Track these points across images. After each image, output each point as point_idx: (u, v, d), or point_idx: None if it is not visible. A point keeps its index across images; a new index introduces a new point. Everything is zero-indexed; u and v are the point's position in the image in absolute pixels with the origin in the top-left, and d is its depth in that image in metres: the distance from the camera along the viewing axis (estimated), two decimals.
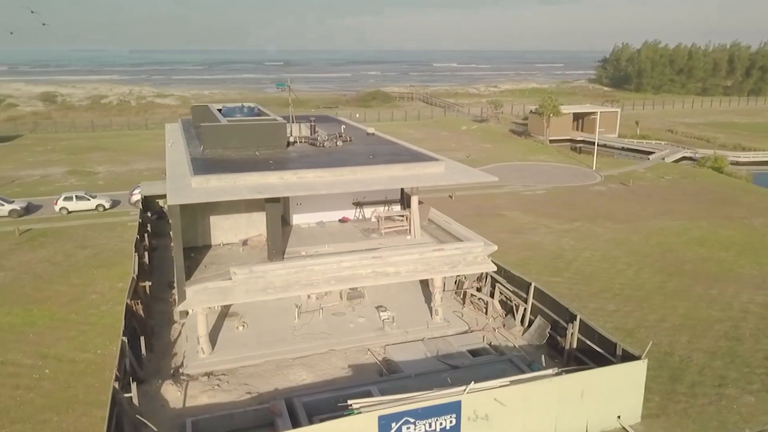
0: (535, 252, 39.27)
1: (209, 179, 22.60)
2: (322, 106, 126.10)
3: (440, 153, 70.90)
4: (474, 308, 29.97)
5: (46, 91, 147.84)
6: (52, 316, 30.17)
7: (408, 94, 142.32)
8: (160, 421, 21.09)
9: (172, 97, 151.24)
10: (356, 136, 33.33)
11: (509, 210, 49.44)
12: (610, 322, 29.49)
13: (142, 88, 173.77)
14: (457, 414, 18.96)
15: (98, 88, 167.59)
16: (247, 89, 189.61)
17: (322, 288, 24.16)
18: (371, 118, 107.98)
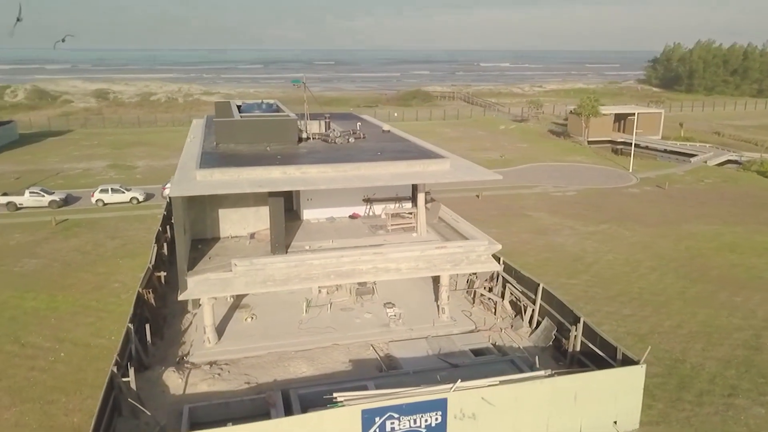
0: (556, 253, 38.61)
1: (213, 173, 23.13)
2: (362, 105, 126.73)
3: (474, 152, 70.86)
4: (484, 308, 29.70)
5: (99, 89, 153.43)
6: (74, 302, 31.38)
7: (449, 94, 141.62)
8: (159, 406, 21.71)
9: (218, 94, 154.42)
10: (373, 133, 33.47)
11: (535, 211, 48.70)
12: (623, 326, 28.80)
13: (190, 86, 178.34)
14: (443, 411, 18.89)
15: (149, 85, 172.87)
16: (291, 88, 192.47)
17: (322, 282, 24.41)
18: (409, 117, 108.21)
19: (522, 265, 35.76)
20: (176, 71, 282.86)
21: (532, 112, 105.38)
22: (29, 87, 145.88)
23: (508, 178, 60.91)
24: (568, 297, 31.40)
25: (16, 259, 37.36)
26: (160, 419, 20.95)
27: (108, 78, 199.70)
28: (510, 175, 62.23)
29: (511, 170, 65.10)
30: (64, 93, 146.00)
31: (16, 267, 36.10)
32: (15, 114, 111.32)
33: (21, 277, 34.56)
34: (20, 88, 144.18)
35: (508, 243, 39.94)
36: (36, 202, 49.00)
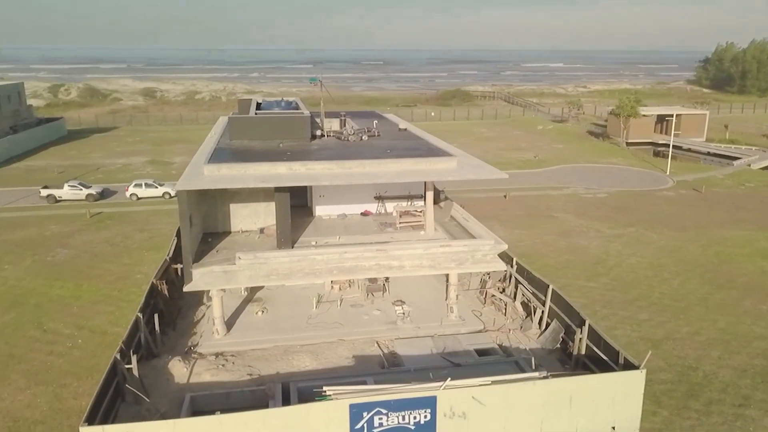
0: (578, 256, 37.91)
1: (220, 167, 23.64)
2: (401, 105, 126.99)
3: (507, 152, 70.19)
4: (495, 308, 29.43)
5: (147, 87, 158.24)
6: (97, 291, 32.54)
7: (490, 93, 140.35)
8: (163, 394, 22.32)
9: (260, 93, 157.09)
10: (389, 131, 33.54)
11: (562, 212, 47.88)
12: (638, 331, 28.11)
13: (235, 84, 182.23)
14: (433, 409, 18.83)
15: (195, 84, 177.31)
16: (335, 87, 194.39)
17: (325, 277, 24.65)
18: (447, 117, 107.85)
19: (541, 267, 35.43)
20: (224, 71, 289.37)
21: (572, 112, 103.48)
22: (82, 85, 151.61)
23: (539, 178, 60.12)
24: (584, 300, 30.95)
25: (49, 249, 38.95)
26: (162, 406, 21.57)
27: (157, 77, 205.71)
28: (541, 176, 61.40)
29: (543, 171, 64.18)
30: (114, 91, 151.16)
31: (48, 256, 37.65)
32: (67, 111, 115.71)
33: (52, 266, 36.02)
34: (73, 86, 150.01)
35: (529, 244, 39.56)
36: (74, 195, 50.93)
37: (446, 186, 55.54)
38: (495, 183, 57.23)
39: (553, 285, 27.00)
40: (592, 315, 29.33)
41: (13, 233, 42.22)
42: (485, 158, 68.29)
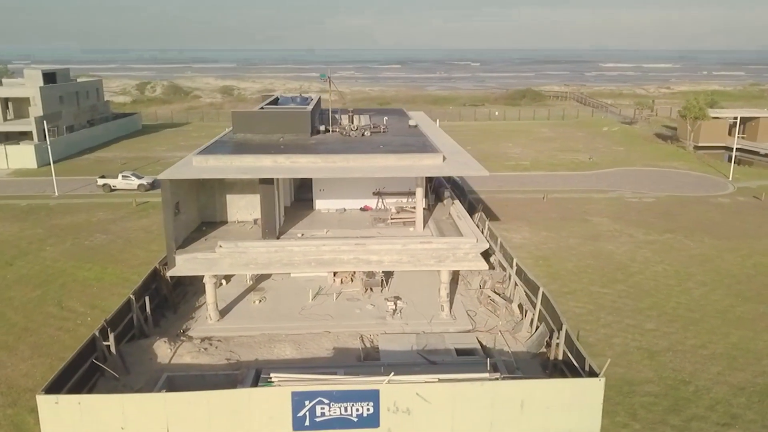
0: (600, 261, 36.40)
1: (208, 159, 24.62)
2: (467, 104, 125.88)
3: (561, 153, 68.36)
4: (492, 309, 28.87)
5: (226, 85, 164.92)
6: (119, 274, 34.55)
7: (563, 94, 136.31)
8: (143, 372, 23.50)
9: (333, 92, 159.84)
10: (400, 128, 33.62)
11: (598, 216, 46.03)
12: (637, 341, 26.77)
13: (311, 83, 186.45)
14: (376, 403, 18.84)
15: (273, 83, 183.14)
16: (411, 86, 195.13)
17: (302, 269, 25.07)
18: (511, 116, 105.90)
19: (556, 271, 34.47)
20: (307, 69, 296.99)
21: (641, 114, 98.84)
22: (166, 83, 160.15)
23: (586, 181, 58.08)
24: (591, 306, 29.90)
25: (90, 234, 41.68)
26: (138, 383, 22.77)
27: (239, 76, 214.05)
28: (590, 179, 59.23)
29: (594, 173, 61.85)
30: (196, 89, 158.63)
31: (86, 241, 40.31)
32: (150, 107, 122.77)
33: (87, 250, 38.56)
34: (159, 84, 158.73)
35: (552, 247, 38.43)
36: (127, 184, 54.12)
37: (484, 185, 54.92)
38: (538, 184, 55.91)
39: (543, 288, 26.18)
40: (594, 322, 28.33)
41: (63, 218, 45.47)
42: (537, 159, 67.26)
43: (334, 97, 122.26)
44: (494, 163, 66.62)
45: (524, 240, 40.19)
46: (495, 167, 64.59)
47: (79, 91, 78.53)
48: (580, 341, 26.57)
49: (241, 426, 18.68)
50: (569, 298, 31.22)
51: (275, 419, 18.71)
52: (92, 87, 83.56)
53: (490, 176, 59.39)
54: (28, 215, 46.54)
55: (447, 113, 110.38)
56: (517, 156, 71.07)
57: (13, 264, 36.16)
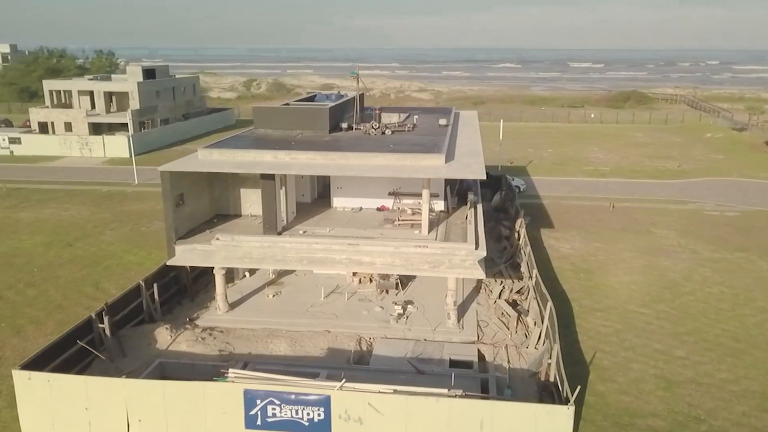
0: (648, 277, 33.34)
1: (212, 153, 25.06)
2: (566, 105, 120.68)
3: (652, 160, 64.32)
4: (504, 321, 27.29)
5: (327, 83, 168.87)
6: (161, 260, 36.00)
7: (672, 96, 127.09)
8: (140, 355, 24.38)
9: (429, 92, 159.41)
10: (429, 127, 32.64)
11: (665, 228, 42.25)
12: (659, 368, 24.16)
13: (411, 83, 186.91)
14: (327, 409, 18.30)
15: (375, 81, 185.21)
16: (515, 86, 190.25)
17: (295, 266, 24.82)
18: (609, 119, 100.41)
19: (594, 285, 32.16)
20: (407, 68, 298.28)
21: (758, 120, 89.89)
22: (271, 81, 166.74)
23: (667, 190, 53.74)
24: (619, 326, 27.62)
25: (150, 221, 43.99)
26: (131, 367, 23.62)
27: (344, 74, 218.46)
28: (672, 188, 54.66)
29: (679, 182, 56.99)
30: (298, 87, 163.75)
31: (143, 227, 42.60)
32: (252, 103, 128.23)
33: (140, 236, 40.73)
34: (264, 81, 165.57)
35: (601, 259, 35.88)
36: None
37: (552, 190, 52.15)
38: (612, 191, 52.51)
39: (551, 302, 24.37)
40: (616, 343, 26.04)
41: (132, 205, 48.40)
42: (620, 165, 63.26)
43: (430, 96, 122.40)
44: (571, 168, 63.31)
45: (572, 250, 37.69)
46: (571, 172, 61.37)
47: (176, 86, 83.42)
48: (592, 364, 24.60)
49: (195, 419, 18.81)
50: (598, 315, 28.82)
51: (228, 415, 18.67)
52: (189, 83, 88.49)
53: (561, 181, 57.02)
54: (104, 200, 49.99)
55: (539, 114, 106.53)
56: (598, 161, 67.03)
57: (73, 245, 38.90)
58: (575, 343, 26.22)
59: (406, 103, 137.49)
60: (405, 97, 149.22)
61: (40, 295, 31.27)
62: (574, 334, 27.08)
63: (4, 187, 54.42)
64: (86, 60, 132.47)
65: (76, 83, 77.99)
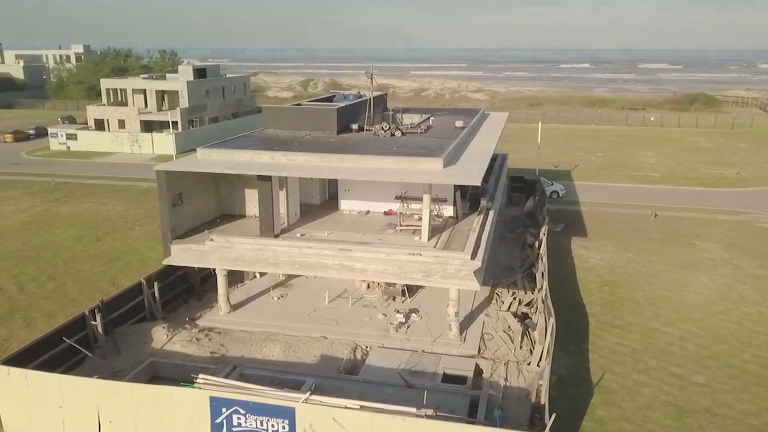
0: (680, 293, 31.03)
1: (211, 152, 24.82)
2: (626, 107, 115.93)
3: (709, 166, 61.12)
4: (510, 334, 25.87)
5: (383, 84, 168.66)
6: None
7: (743, 100, 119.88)
8: (134, 353, 24.42)
9: (486, 92, 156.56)
10: (445, 129, 31.53)
11: (710, 241, 39.40)
12: (672, 395, 22.24)
13: (469, 83, 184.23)
14: (291, 421, 17.60)
15: (432, 82, 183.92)
16: (570, 87, 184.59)
17: (287, 269, 24.21)
18: (671, 123, 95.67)
19: (617, 300, 30.35)
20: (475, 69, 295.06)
21: None
22: (327, 80, 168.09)
23: (721, 199, 50.41)
24: (637, 346, 25.86)
25: None
26: (123, 365, 23.67)
27: (403, 75, 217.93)
28: (725, 197, 51.18)
29: (734, 191, 53.31)
30: (354, 86, 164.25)
31: None
32: None
33: None
34: (321, 81, 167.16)
35: (632, 272, 33.84)
36: None
37: (593, 196, 49.74)
38: (659, 199, 49.79)
39: (554, 318, 22.87)
40: (630, 364, 24.26)
41: None
42: (672, 171, 59.96)
43: (486, 97, 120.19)
44: (619, 173, 60.40)
45: (601, 261, 35.61)
46: (618, 177, 58.56)
47: (226, 85, 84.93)
48: (598, 386, 22.97)
49: (163, 423, 18.50)
50: (616, 333, 26.93)
51: (195, 422, 18.28)
52: (239, 82, 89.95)
53: (605, 187, 54.35)
54: (141, 196, 51.16)
55: (595, 116, 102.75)
56: (650, 166, 63.65)
57: (101, 240, 39.86)
58: (584, 362, 24.54)
59: (461, 103, 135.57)
60: (460, 97, 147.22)
61: (58, 289, 32.02)
62: (586, 351, 25.38)
63: (53, 181, 56.66)
64: (151, 59, 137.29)
65: (131, 82, 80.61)
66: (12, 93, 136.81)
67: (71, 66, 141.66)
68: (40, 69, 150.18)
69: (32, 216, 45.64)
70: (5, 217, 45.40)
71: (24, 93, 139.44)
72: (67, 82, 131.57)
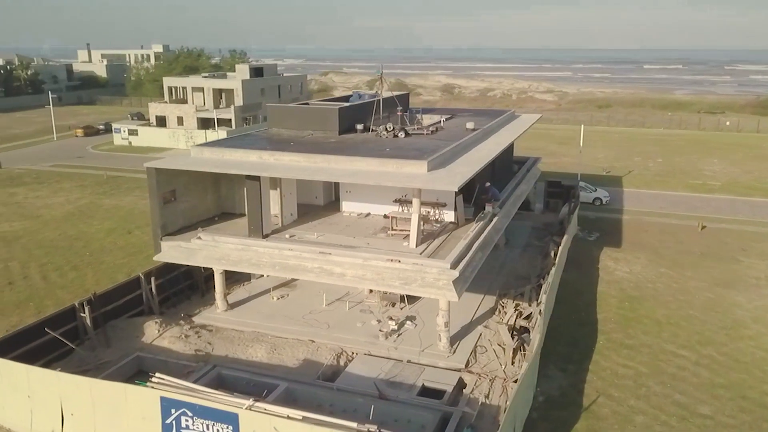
0: (708, 314, 28.50)
1: (203, 151, 24.81)
2: (702, 111, 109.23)
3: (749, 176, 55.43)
4: (503, 347, 24.51)
5: (449, 83, 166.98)
6: None
7: None
8: (124, 346, 24.81)
9: (555, 93, 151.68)
10: (456, 131, 30.35)
11: (757, 256, 36.12)
12: (669, 426, 20.37)
13: (540, 84, 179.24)
14: (235, 428, 17.17)
15: (502, 82, 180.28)
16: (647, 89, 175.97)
17: (268, 271, 23.80)
18: (748, 128, 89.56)
19: (636, 317, 28.68)
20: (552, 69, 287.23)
21: None
22: (394, 80, 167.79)
23: None
24: (644, 369, 24.23)
25: None
26: (111, 357, 24.08)
27: (474, 75, 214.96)
28: None
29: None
30: (420, 86, 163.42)
31: None
32: None
33: None
34: (387, 80, 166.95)
35: (660, 288, 31.75)
36: None
37: (641, 205, 46.86)
38: (713, 210, 46.56)
39: (540, 335, 21.42)
40: (630, 389, 22.57)
41: None
42: (736, 180, 56.45)
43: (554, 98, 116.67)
44: (675, 181, 56.78)
45: (628, 275, 33.32)
46: (672, 185, 55.08)
47: (282, 84, 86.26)
48: (588, 411, 21.39)
49: (119, 419, 18.55)
50: (624, 353, 24.99)
51: (147, 421, 18.23)
52: (296, 81, 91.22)
53: (657, 195, 51.14)
54: None
55: (665, 120, 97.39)
56: (711, 174, 59.43)
57: (131, 233, 41.08)
58: (580, 383, 22.85)
59: (526, 104, 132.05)
60: (527, 98, 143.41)
61: (78, 279, 33.15)
62: (584, 372, 23.65)
63: (105, 174, 59.18)
64: (222, 58, 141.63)
65: (190, 80, 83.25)
66: (94, 90, 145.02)
67: (148, 65, 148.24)
68: (122, 67, 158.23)
69: (77, 207, 47.73)
70: (53, 208, 47.71)
71: (105, 90, 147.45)
72: (144, 80, 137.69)
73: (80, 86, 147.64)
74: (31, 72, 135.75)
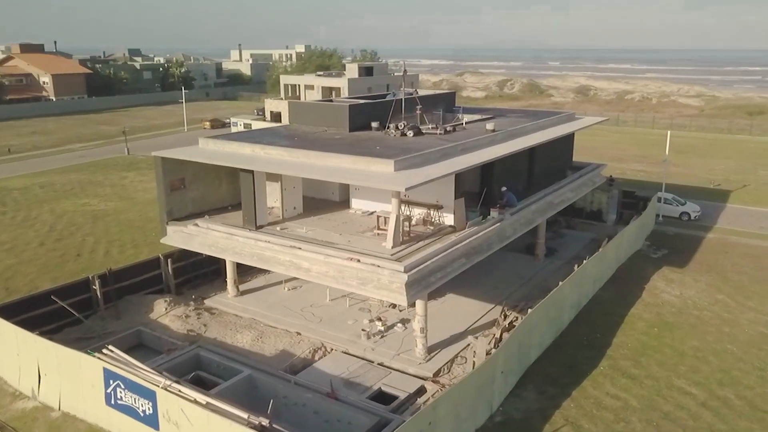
0: (747, 352, 24.77)
1: (208, 143, 26.01)
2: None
3: None
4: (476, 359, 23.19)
5: (584, 85, 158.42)
6: None
7: None
8: (131, 320, 26.83)
9: (705, 97, 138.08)
10: (473, 131, 29.09)
11: None
12: None
13: (692, 87, 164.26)
14: (154, 405, 18.03)
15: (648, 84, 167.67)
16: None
17: (248, 261, 24.36)
18: None
19: (657, 346, 26.49)
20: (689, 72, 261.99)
21: None
22: (525, 81, 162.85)
23: None
24: (636, 403, 22.34)
25: None
26: (115, 328, 26.18)
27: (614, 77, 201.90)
28: None
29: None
30: (552, 88, 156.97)
31: None
32: (496, 103, 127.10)
33: None
34: (518, 81, 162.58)
35: (707, 316, 28.77)
36: None
37: (735, 224, 41.63)
38: None
39: (501, 351, 20.05)
40: (609, 423, 20.95)
41: None
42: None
43: (701, 103, 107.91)
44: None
45: (675, 298, 29.84)
46: None
47: (390, 83, 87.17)
48: None
49: (77, 385, 20.18)
50: (621, 383, 22.51)
51: (95, 388, 19.67)
52: (407, 81, 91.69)
53: (761, 213, 44.98)
54: None
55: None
56: None
57: None
58: (549, 409, 20.97)
59: (666, 108, 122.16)
60: (668, 102, 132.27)
61: (133, 256, 35.67)
62: (563, 397, 21.64)
63: None
64: (353, 58, 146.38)
65: (303, 78, 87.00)
66: (238, 87, 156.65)
67: (287, 63, 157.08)
68: (265, 66, 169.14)
69: None
70: (148, 191, 52.35)
71: (249, 87, 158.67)
72: None
73: (227, 83, 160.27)
74: (184, 70, 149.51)
